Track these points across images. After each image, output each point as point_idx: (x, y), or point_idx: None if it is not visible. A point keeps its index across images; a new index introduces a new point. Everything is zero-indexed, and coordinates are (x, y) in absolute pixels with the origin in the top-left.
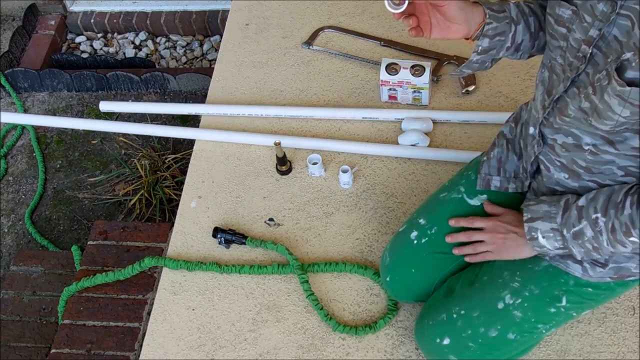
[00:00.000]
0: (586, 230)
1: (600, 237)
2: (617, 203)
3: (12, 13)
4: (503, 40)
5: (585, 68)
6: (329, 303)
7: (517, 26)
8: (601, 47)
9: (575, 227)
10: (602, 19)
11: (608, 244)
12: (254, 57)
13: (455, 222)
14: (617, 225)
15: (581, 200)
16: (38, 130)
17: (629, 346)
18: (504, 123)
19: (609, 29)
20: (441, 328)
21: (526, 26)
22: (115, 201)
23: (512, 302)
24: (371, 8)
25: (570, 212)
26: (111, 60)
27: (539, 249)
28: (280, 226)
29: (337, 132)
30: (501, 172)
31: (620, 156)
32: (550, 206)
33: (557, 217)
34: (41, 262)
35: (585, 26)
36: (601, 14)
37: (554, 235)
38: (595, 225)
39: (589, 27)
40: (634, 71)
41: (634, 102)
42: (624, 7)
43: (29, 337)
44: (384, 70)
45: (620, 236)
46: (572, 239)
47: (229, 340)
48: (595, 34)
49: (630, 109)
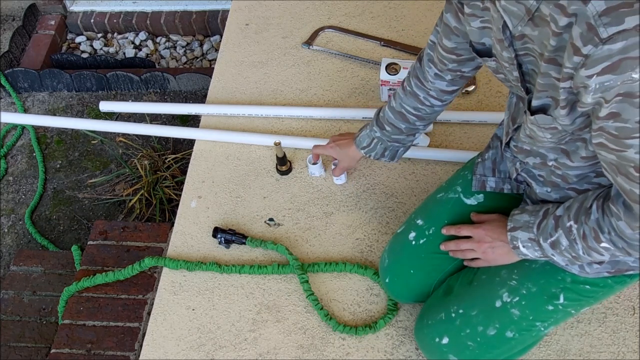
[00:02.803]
0: (562, 240)
1: (575, 246)
2: (587, 209)
3: (12, 13)
4: (392, 146)
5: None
6: (329, 303)
7: (391, 137)
8: (530, 80)
9: (552, 237)
10: (511, 63)
11: (584, 252)
12: (254, 57)
13: (447, 230)
14: (587, 231)
15: (559, 209)
16: (38, 130)
17: (629, 346)
18: (498, 125)
19: (525, 66)
20: (440, 327)
21: (396, 131)
22: (115, 201)
23: (509, 300)
24: (371, 8)
25: (547, 222)
26: (111, 60)
27: (523, 257)
28: (280, 226)
29: (337, 132)
30: (496, 172)
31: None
32: (531, 216)
33: (534, 227)
34: (41, 262)
35: (509, 70)
36: (508, 59)
37: (532, 245)
38: (569, 233)
39: (511, 70)
40: (536, 100)
41: (545, 126)
42: (519, 49)
43: (29, 337)
44: (384, 70)
45: (592, 242)
46: (550, 248)
47: (229, 340)
48: (517, 74)
49: (548, 131)
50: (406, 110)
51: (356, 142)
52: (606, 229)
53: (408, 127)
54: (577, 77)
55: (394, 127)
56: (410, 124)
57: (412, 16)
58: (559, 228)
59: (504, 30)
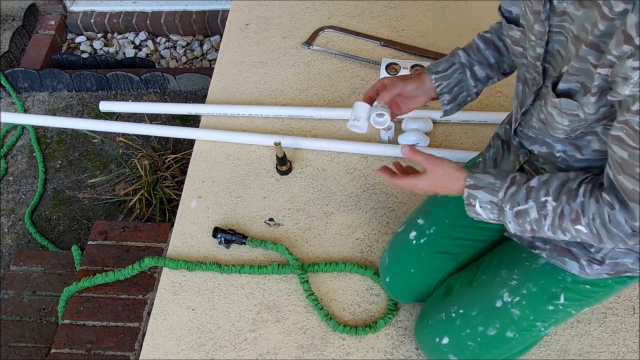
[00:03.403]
0: (531, 211)
1: (543, 221)
2: (572, 190)
3: (12, 13)
4: (464, 85)
5: (544, 82)
6: (329, 303)
7: (472, 68)
8: (550, 61)
9: (520, 206)
10: (540, 38)
11: (549, 229)
12: (254, 57)
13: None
14: (567, 211)
15: (533, 181)
16: (38, 130)
17: (629, 346)
18: (499, 124)
19: (551, 45)
20: (440, 327)
21: (482, 64)
22: (115, 201)
23: (510, 300)
24: (371, 8)
25: (518, 190)
26: (111, 60)
27: (473, 215)
28: (280, 226)
29: (337, 132)
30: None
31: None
32: (496, 179)
33: (499, 192)
34: (41, 262)
35: (533, 45)
36: (538, 33)
37: (492, 208)
38: (542, 208)
39: (535, 45)
40: (564, 82)
41: (567, 112)
42: (554, 26)
43: (29, 337)
44: (384, 70)
45: (567, 223)
46: (514, 216)
47: (229, 340)
48: (541, 51)
49: (567, 118)
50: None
51: (429, 67)
52: (591, 214)
53: (496, 60)
54: (620, 66)
55: (482, 56)
56: (501, 55)
57: (412, 16)
58: (531, 200)
59: (545, 3)
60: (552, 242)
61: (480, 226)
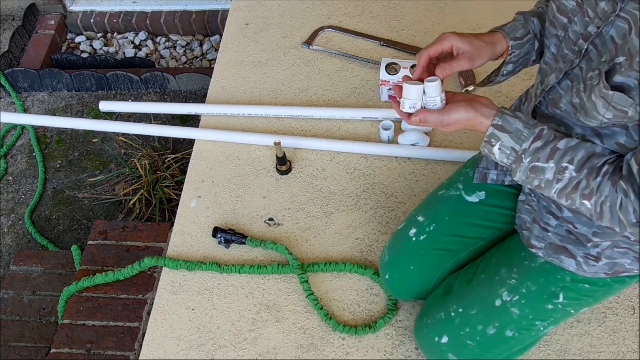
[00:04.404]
0: (548, 172)
1: (554, 185)
2: (596, 166)
3: (12, 13)
4: (527, 58)
5: (580, 63)
6: (329, 303)
7: (542, 39)
8: (597, 45)
9: (538, 162)
10: (602, 17)
11: (556, 192)
12: (254, 57)
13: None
14: (583, 185)
15: (561, 143)
16: (38, 130)
17: (629, 346)
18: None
19: (607, 29)
20: (440, 327)
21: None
22: (115, 201)
23: (509, 300)
24: (371, 8)
25: (543, 147)
26: (111, 60)
27: (487, 152)
28: (280, 226)
29: (337, 132)
30: (498, 166)
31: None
32: (525, 127)
33: (525, 143)
34: (41, 262)
35: (586, 21)
36: (602, 12)
37: (510, 154)
38: (560, 173)
39: (589, 23)
40: (622, 76)
41: (617, 107)
42: (624, 10)
43: (29, 337)
44: (384, 70)
45: (577, 195)
46: (527, 170)
47: (229, 340)
48: (593, 30)
49: (613, 112)
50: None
51: (507, 30)
52: (603, 196)
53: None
54: None
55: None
56: None
57: (412, 16)
58: (552, 161)
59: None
60: (548, 239)
61: (480, 224)
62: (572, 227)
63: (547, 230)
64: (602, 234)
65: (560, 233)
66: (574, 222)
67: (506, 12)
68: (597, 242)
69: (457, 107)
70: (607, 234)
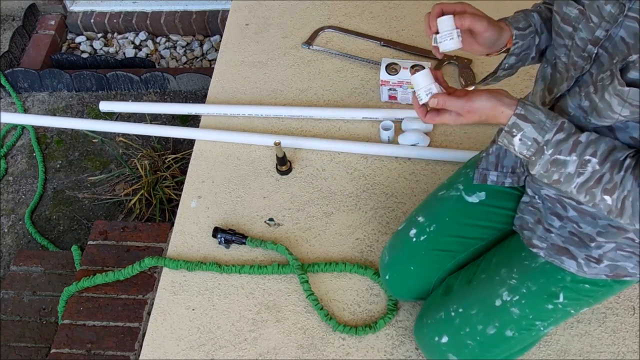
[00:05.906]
0: (569, 165)
1: (575, 179)
2: (617, 160)
3: (12, 13)
4: (528, 53)
5: (590, 68)
6: (329, 303)
7: (541, 35)
8: (607, 47)
9: (559, 155)
10: (609, 20)
11: (577, 186)
12: (254, 57)
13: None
14: (606, 179)
15: (582, 136)
16: (38, 130)
17: (629, 346)
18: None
19: (615, 30)
20: (439, 326)
21: (549, 33)
22: (115, 201)
23: (509, 299)
24: (371, 8)
25: (566, 139)
26: (111, 60)
27: (506, 143)
28: (280, 226)
29: (337, 132)
30: (498, 167)
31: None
32: (547, 118)
33: (548, 133)
34: (41, 262)
35: (591, 26)
36: (608, 15)
37: (532, 144)
38: (582, 166)
39: (595, 28)
40: (636, 72)
41: (632, 102)
42: (632, 10)
43: (29, 337)
44: (384, 70)
45: (598, 190)
46: (547, 162)
47: (229, 340)
48: (601, 34)
49: (629, 108)
50: None
51: (510, 19)
52: (626, 191)
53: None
54: None
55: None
56: None
57: (412, 16)
58: (575, 154)
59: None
60: (550, 240)
61: (480, 224)
62: (576, 226)
63: (550, 231)
64: (606, 233)
65: (563, 234)
66: (579, 221)
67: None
68: (601, 243)
69: (478, 95)
70: (611, 234)
